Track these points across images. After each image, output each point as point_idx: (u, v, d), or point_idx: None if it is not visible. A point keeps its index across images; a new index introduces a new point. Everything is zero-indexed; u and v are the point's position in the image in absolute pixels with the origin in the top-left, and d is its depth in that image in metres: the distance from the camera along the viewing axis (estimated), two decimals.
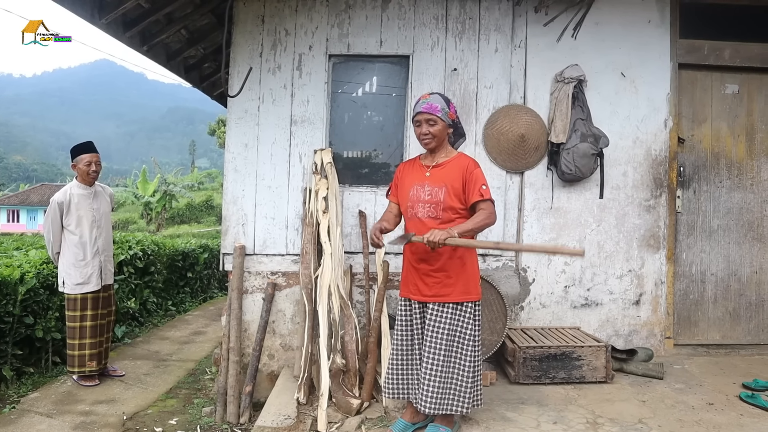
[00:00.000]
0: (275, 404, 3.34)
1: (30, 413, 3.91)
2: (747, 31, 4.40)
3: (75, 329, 4.36)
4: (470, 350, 2.80)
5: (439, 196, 2.80)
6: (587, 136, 4.02)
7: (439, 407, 2.77)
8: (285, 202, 4.16)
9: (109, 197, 4.68)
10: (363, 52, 4.20)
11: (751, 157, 4.47)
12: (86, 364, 4.38)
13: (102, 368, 4.55)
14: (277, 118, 4.17)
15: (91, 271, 4.38)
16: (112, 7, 3.89)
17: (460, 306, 2.80)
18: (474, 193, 2.76)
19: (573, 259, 4.22)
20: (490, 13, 4.18)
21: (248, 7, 4.18)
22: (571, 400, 3.33)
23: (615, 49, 4.25)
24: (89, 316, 4.39)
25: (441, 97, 2.86)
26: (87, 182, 4.46)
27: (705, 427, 2.97)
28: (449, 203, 2.78)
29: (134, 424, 3.82)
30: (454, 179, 2.80)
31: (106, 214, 4.60)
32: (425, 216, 2.83)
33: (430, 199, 2.82)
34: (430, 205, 2.81)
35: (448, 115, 2.84)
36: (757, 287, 4.47)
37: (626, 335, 4.24)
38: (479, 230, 2.77)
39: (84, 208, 4.39)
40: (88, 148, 4.49)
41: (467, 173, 2.79)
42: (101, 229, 4.48)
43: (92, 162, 4.42)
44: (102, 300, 4.48)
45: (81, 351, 4.36)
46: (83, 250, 4.35)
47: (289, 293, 4.13)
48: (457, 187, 2.79)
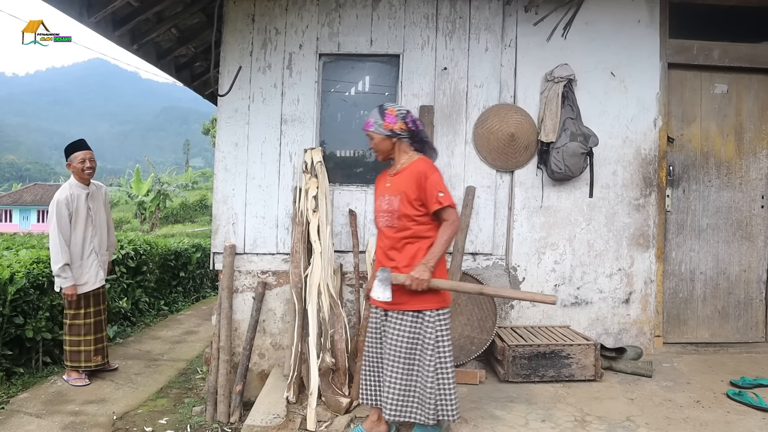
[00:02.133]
0: (265, 403, 3.35)
1: (19, 413, 3.89)
2: (736, 32, 4.43)
3: (79, 326, 4.42)
4: (433, 359, 2.73)
5: (395, 204, 2.79)
6: (577, 135, 4.04)
7: (400, 415, 2.75)
8: (275, 201, 4.16)
9: (103, 194, 4.69)
10: (353, 51, 4.20)
11: (740, 156, 4.50)
12: (92, 359, 4.48)
13: (105, 363, 4.64)
14: (267, 117, 4.17)
15: (87, 271, 4.39)
16: (100, 6, 3.87)
17: (420, 314, 2.76)
18: (432, 203, 2.72)
19: (563, 257, 4.24)
20: (480, 13, 4.19)
21: (238, 6, 4.17)
22: (559, 398, 3.35)
23: (605, 49, 4.27)
24: (92, 312, 4.48)
25: (377, 111, 2.87)
26: (83, 180, 4.45)
27: (692, 424, 2.99)
28: (403, 211, 2.76)
29: (124, 423, 3.81)
30: (408, 186, 2.77)
31: (101, 212, 4.61)
32: (384, 226, 2.84)
33: (388, 208, 2.82)
34: (388, 215, 2.82)
35: (382, 126, 2.83)
36: (746, 286, 4.50)
37: (616, 334, 4.26)
38: (448, 246, 2.76)
39: (81, 208, 4.39)
40: (81, 145, 4.49)
41: (422, 179, 2.74)
42: (96, 228, 4.50)
43: (86, 159, 4.42)
44: (98, 296, 4.54)
45: (87, 347, 4.44)
46: (79, 250, 4.36)
47: (280, 292, 4.13)
48: (411, 194, 2.75)
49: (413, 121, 2.86)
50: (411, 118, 2.86)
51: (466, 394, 3.43)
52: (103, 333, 4.60)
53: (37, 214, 49.55)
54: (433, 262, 2.67)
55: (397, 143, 2.87)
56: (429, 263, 2.66)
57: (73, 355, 4.43)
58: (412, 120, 2.86)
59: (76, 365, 4.45)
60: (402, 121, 2.83)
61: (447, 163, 4.16)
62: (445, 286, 2.74)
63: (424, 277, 2.63)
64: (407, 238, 2.78)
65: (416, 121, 2.88)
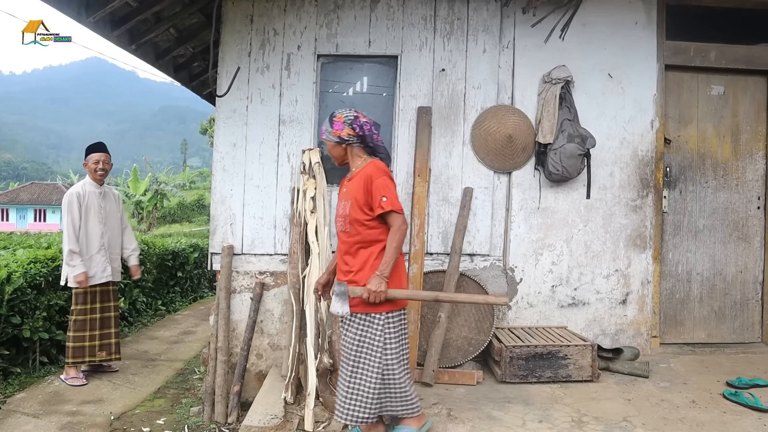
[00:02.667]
0: (263, 404, 3.35)
1: (16, 413, 3.90)
2: (732, 34, 4.46)
3: (84, 322, 4.53)
4: (381, 361, 2.76)
5: (347, 209, 2.83)
6: (574, 136, 4.05)
7: (346, 417, 2.79)
8: (273, 202, 4.17)
9: (116, 198, 4.89)
10: (352, 52, 4.21)
11: (737, 157, 4.53)
12: (96, 354, 4.59)
13: (111, 359, 4.74)
14: (265, 117, 4.18)
15: (95, 265, 4.54)
16: (99, 6, 3.88)
17: (368, 317, 2.79)
18: (376, 207, 2.74)
19: (560, 258, 4.26)
20: (478, 14, 4.20)
21: (237, 6, 4.18)
22: (557, 399, 3.37)
23: (602, 51, 4.29)
24: (98, 308, 4.60)
25: (328, 118, 2.93)
26: (96, 180, 4.66)
27: (688, 424, 3.01)
28: (354, 216, 2.80)
29: (122, 424, 3.82)
30: (358, 191, 2.80)
31: (114, 213, 4.78)
32: (340, 230, 2.90)
33: (342, 212, 2.87)
34: (343, 219, 2.86)
35: (331, 133, 2.88)
36: (742, 286, 4.53)
37: (613, 334, 4.28)
38: (399, 252, 2.77)
39: (93, 205, 4.58)
40: (98, 148, 4.73)
41: (369, 183, 2.77)
42: (107, 226, 4.67)
43: (100, 161, 4.63)
44: (107, 293, 4.69)
45: (91, 342, 4.56)
46: (88, 244, 4.51)
47: (277, 293, 4.14)
48: (360, 198, 2.78)
49: (360, 125, 2.87)
50: (359, 123, 2.87)
51: (463, 394, 3.45)
52: (111, 330, 4.70)
53: (34, 213, 49.51)
54: (388, 271, 2.69)
55: (349, 149, 2.91)
56: (384, 273, 2.68)
57: (77, 350, 4.50)
58: (359, 125, 2.87)
59: (80, 360, 4.53)
60: (349, 127, 2.86)
61: (445, 164, 4.18)
62: (401, 296, 2.78)
63: (381, 289, 2.66)
64: (359, 243, 2.81)
65: (364, 125, 2.88)
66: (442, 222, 4.17)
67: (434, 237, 4.16)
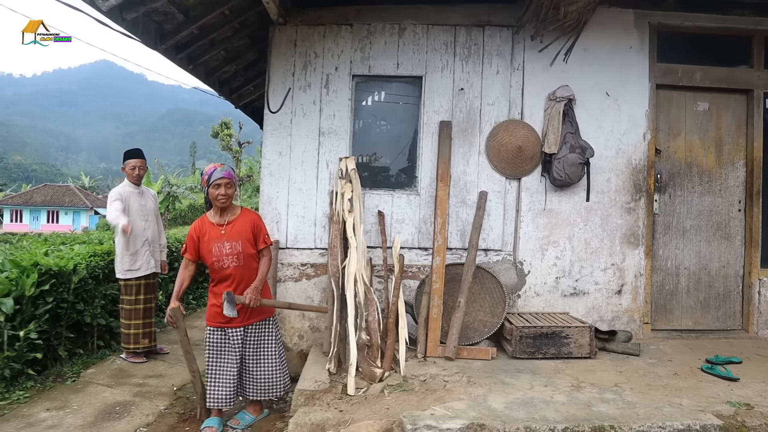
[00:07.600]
0: (310, 373, 3.95)
1: (93, 384, 4.52)
2: (716, 57, 5.03)
3: (131, 311, 5.03)
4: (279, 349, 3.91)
5: (238, 248, 3.66)
6: (576, 147, 4.65)
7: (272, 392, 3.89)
8: (314, 203, 4.78)
9: (152, 196, 5.40)
10: (382, 72, 4.82)
11: (720, 166, 5.10)
12: (140, 341, 5.08)
13: (153, 346, 5.23)
14: (307, 129, 4.79)
15: (141, 258, 5.05)
16: (170, 35, 4.50)
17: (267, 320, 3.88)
18: (261, 243, 3.76)
19: (563, 253, 4.84)
20: (492, 41, 4.81)
21: (282, 32, 4.80)
22: (559, 371, 3.95)
23: (600, 72, 4.87)
24: (142, 299, 5.09)
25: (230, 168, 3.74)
26: (134, 182, 5.18)
27: (669, 389, 3.59)
28: (247, 251, 3.70)
29: (184, 393, 4.43)
30: (246, 232, 3.70)
31: (153, 210, 5.31)
32: (232, 265, 3.67)
33: (231, 251, 3.66)
34: (233, 256, 3.67)
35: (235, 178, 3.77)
36: (725, 280, 5.09)
37: (609, 321, 4.86)
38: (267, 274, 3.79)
39: (133, 202, 5.09)
40: (136, 154, 5.23)
41: (256, 228, 3.75)
42: (148, 222, 5.18)
43: (137, 166, 5.16)
44: (150, 286, 5.19)
45: (136, 330, 5.05)
46: (133, 240, 5.00)
47: (317, 282, 4.75)
48: (250, 238, 3.71)
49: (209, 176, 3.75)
50: None
51: (480, 366, 4.04)
52: (152, 319, 5.21)
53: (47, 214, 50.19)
54: (261, 286, 3.69)
55: None
56: (258, 287, 3.66)
57: (125, 337, 5.07)
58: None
59: (127, 347, 5.08)
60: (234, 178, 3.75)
61: (463, 171, 4.78)
62: (268, 304, 3.84)
63: (258, 296, 3.65)
64: (254, 269, 3.74)
65: None
66: (460, 221, 4.77)
67: (453, 234, 4.76)
